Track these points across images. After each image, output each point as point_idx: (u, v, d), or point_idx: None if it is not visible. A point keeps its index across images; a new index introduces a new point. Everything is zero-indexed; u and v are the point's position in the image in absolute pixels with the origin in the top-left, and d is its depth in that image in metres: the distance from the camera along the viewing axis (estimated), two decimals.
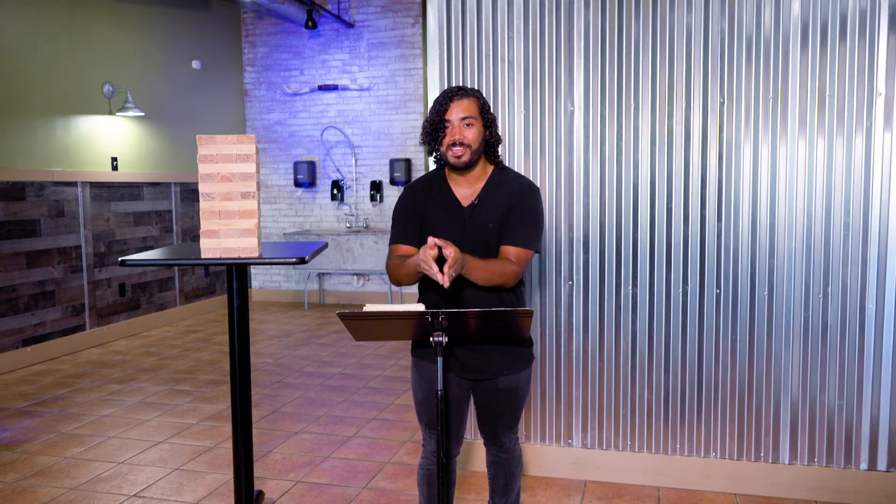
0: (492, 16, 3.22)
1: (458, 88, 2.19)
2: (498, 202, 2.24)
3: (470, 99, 2.17)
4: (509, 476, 2.50)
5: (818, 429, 3.08)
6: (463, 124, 2.16)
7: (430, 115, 2.19)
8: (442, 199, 2.28)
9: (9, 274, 5.44)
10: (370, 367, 5.45)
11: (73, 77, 6.12)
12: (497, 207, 2.23)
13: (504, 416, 2.40)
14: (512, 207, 2.23)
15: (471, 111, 2.16)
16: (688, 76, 3.05)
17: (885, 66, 2.87)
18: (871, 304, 2.98)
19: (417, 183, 2.36)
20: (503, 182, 2.27)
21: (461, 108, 2.15)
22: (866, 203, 2.94)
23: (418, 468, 2.46)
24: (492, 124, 2.23)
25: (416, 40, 8.05)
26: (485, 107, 2.21)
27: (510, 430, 2.44)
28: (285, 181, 8.60)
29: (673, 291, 3.14)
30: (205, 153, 2.30)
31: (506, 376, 2.32)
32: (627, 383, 3.23)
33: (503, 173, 2.30)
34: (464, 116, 2.15)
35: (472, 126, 2.17)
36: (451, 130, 2.16)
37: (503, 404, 2.37)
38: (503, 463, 2.48)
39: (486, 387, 2.35)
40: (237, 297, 2.52)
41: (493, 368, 2.31)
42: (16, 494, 3.26)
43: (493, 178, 2.27)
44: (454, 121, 2.16)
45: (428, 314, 2.01)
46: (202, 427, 4.13)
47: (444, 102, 2.16)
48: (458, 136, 2.16)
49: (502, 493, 2.52)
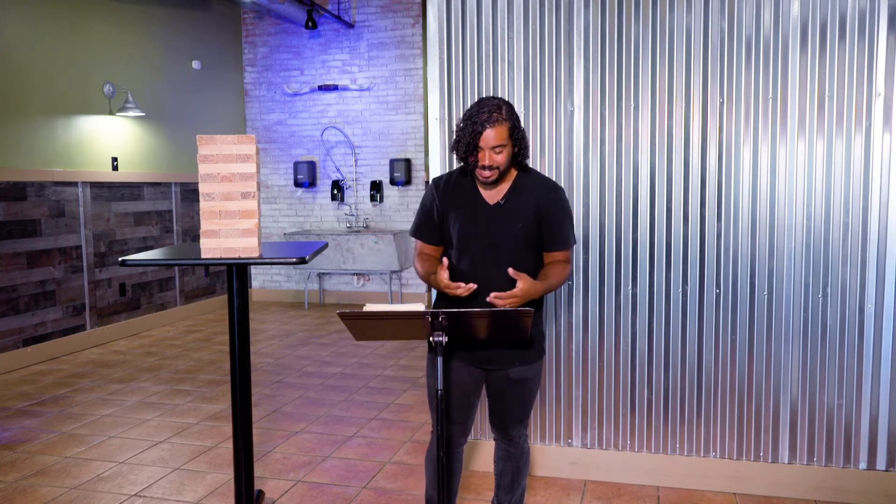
0: (492, 16, 3.22)
1: (491, 110, 2.19)
2: (525, 203, 2.31)
3: (503, 126, 2.19)
4: (516, 472, 2.55)
5: (818, 428, 3.08)
6: (494, 152, 2.20)
7: (464, 135, 2.21)
8: (467, 196, 2.34)
9: (9, 274, 5.44)
10: (370, 367, 5.46)
11: (73, 77, 6.12)
12: (525, 208, 2.30)
13: (514, 408, 2.45)
14: (543, 211, 2.31)
15: (502, 139, 2.19)
16: (688, 76, 3.06)
17: (884, 66, 2.88)
18: (871, 304, 2.98)
19: (442, 178, 2.42)
20: (529, 183, 2.34)
21: (493, 137, 2.18)
22: (866, 203, 2.95)
23: (426, 452, 2.56)
24: (520, 141, 2.26)
25: (416, 40, 8.05)
26: (514, 128, 2.23)
27: (520, 423, 2.49)
28: (285, 181, 8.60)
29: (673, 291, 3.14)
30: (205, 153, 2.30)
31: (517, 367, 2.38)
32: (627, 383, 3.23)
33: (528, 174, 2.36)
34: (495, 145, 2.19)
35: (502, 153, 2.21)
36: (483, 155, 2.20)
37: (514, 395, 2.43)
38: (512, 458, 2.54)
39: (497, 376, 2.41)
40: (237, 297, 2.53)
41: (505, 359, 2.37)
42: (16, 494, 3.26)
43: (519, 179, 2.34)
44: (486, 148, 2.19)
45: (428, 314, 2.01)
46: (202, 427, 4.13)
47: (479, 128, 2.18)
48: (488, 162, 2.21)
49: (508, 489, 2.58)
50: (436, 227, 2.39)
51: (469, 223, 2.31)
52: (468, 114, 2.22)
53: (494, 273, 2.27)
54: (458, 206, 2.33)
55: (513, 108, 2.25)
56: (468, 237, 2.32)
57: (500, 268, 2.25)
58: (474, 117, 2.19)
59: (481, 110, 2.19)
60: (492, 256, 2.30)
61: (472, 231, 2.31)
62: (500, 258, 2.28)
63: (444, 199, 2.36)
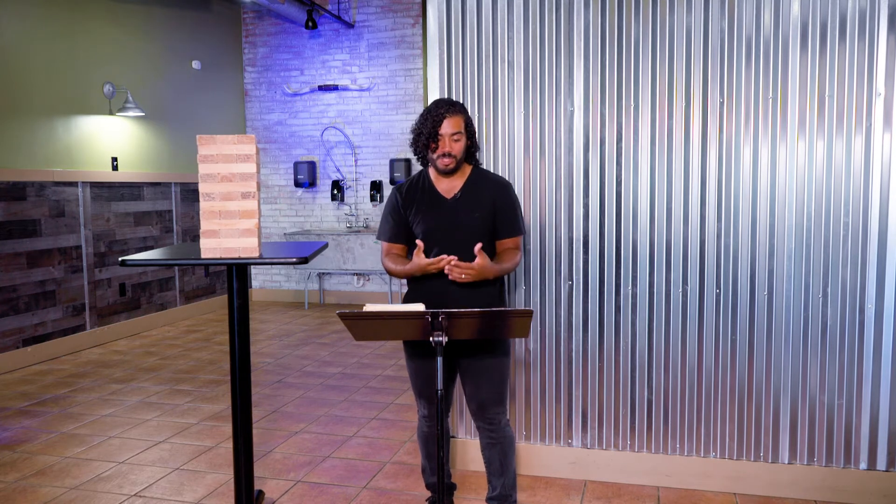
0: (492, 16, 3.22)
1: (449, 104, 2.50)
2: (480, 196, 2.57)
3: (458, 116, 2.49)
4: (503, 456, 2.66)
5: (818, 428, 3.08)
6: (452, 139, 2.48)
7: (423, 127, 2.49)
8: (427, 195, 2.60)
9: (9, 274, 5.44)
10: (370, 367, 5.46)
11: (73, 77, 6.12)
12: (481, 200, 2.57)
13: (484, 386, 2.58)
14: (498, 203, 2.58)
15: (459, 127, 2.49)
16: (688, 76, 3.06)
17: (884, 66, 2.88)
18: (871, 304, 2.98)
19: (402, 184, 2.68)
20: (482, 179, 2.62)
21: (451, 125, 2.47)
22: (866, 203, 2.95)
23: (417, 430, 2.83)
24: (473, 136, 2.58)
25: (416, 40, 8.05)
26: (468, 121, 2.55)
27: (497, 403, 2.61)
28: (285, 181, 8.60)
29: (673, 291, 3.14)
30: (205, 153, 2.30)
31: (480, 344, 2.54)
32: (627, 383, 3.23)
33: (480, 172, 2.64)
34: (453, 132, 2.48)
35: (459, 141, 2.50)
36: (443, 143, 2.48)
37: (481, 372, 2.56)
38: (496, 444, 2.65)
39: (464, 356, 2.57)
40: (237, 297, 2.53)
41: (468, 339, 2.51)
42: (16, 494, 3.26)
43: (472, 176, 2.61)
44: (445, 136, 2.48)
45: (428, 314, 2.02)
46: (202, 427, 4.13)
47: (438, 118, 2.46)
48: (447, 149, 2.49)
49: (499, 473, 2.67)
50: (402, 228, 2.63)
51: (431, 218, 2.56)
52: (425, 112, 2.50)
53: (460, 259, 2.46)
54: (419, 204, 2.58)
55: (465, 107, 2.56)
56: (432, 231, 2.56)
57: (463, 254, 2.46)
58: (433, 112, 2.47)
59: (438, 106, 2.48)
60: (455, 245, 2.51)
61: (435, 224, 2.56)
62: (460, 244, 2.50)
63: (406, 201, 2.61)
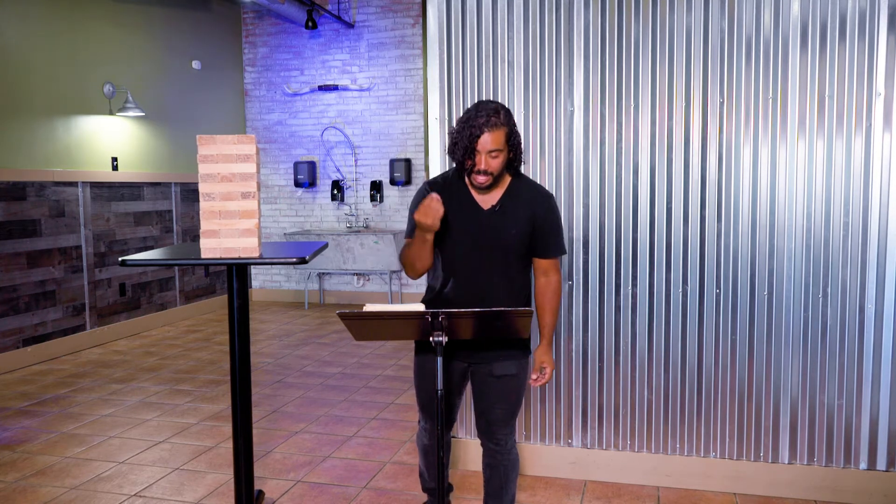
0: (492, 16, 3.22)
1: (490, 114, 2.17)
2: (520, 210, 2.32)
3: (500, 130, 2.18)
4: (504, 479, 2.49)
5: (818, 428, 3.08)
6: (490, 156, 2.19)
7: (461, 137, 2.19)
8: (461, 200, 2.32)
9: (9, 274, 5.44)
10: (370, 367, 5.46)
11: (73, 77, 6.12)
12: (520, 215, 2.31)
13: (498, 407, 2.41)
14: (536, 219, 2.32)
15: (498, 144, 2.18)
16: (688, 76, 3.06)
17: (884, 66, 2.88)
18: (871, 304, 2.98)
19: (436, 181, 2.40)
20: (523, 190, 2.35)
21: (491, 141, 2.17)
22: (866, 203, 2.95)
23: (416, 437, 2.66)
24: (516, 147, 2.26)
25: (416, 40, 8.05)
26: (511, 133, 2.22)
27: (505, 425, 2.44)
28: (285, 181, 8.60)
29: (673, 291, 3.14)
30: (205, 153, 2.30)
31: (501, 362, 2.36)
32: (627, 383, 3.23)
33: (521, 180, 2.37)
34: (492, 149, 2.18)
35: (498, 157, 2.21)
36: (479, 160, 2.20)
37: (497, 392, 2.40)
38: (498, 465, 2.48)
39: (481, 372, 2.40)
40: (237, 297, 2.53)
41: (489, 353, 2.35)
42: (16, 494, 3.26)
43: (513, 185, 2.34)
44: (482, 152, 2.18)
45: (428, 314, 2.02)
46: (202, 427, 4.13)
47: (477, 131, 2.16)
48: (483, 167, 2.20)
49: (496, 495, 2.52)
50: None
51: (463, 227, 2.31)
52: (465, 117, 2.20)
53: (484, 276, 2.30)
54: (452, 209, 2.29)
55: (510, 113, 2.24)
56: (461, 241, 2.31)
57: (489, 271, 2.29)
58: (472, 121, 2.17)
59: (479, 114, 2.17)
60: (483, 260, 2.31)
61: (466, 235, 2.31)
62: (491, 262, 2.31)
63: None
